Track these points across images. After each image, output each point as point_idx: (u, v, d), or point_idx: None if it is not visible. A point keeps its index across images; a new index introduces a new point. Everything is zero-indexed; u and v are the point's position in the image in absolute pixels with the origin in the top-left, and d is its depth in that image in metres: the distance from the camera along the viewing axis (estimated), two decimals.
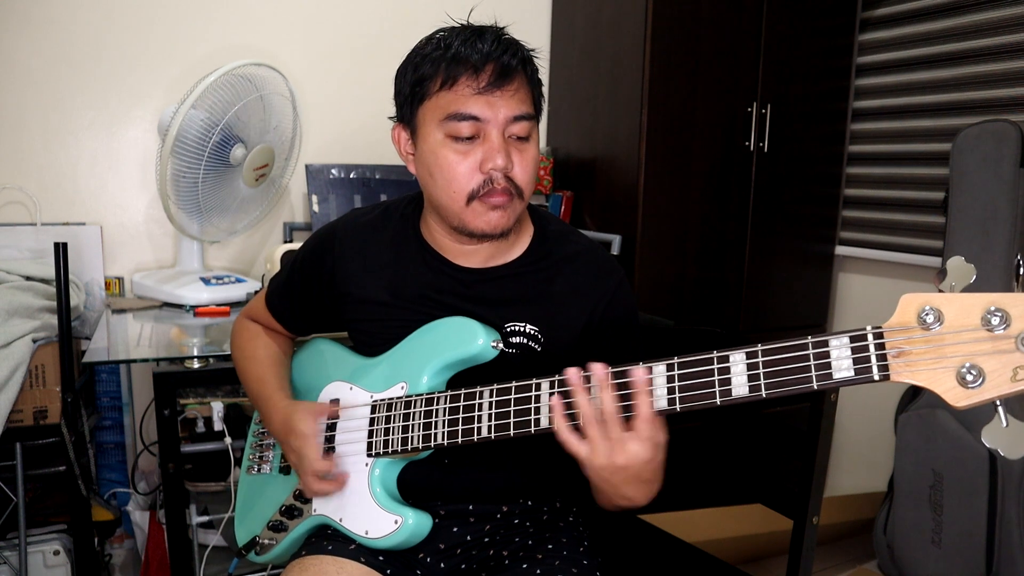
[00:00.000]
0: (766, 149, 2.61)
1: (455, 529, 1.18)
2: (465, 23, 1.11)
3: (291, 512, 1.22)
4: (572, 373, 0.93)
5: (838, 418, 1.34)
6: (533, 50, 1.12)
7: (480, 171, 1.06)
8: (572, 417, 0.94)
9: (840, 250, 2.92)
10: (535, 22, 2.84)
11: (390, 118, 1.16)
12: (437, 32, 1.11)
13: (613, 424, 0.90)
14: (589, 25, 2.65)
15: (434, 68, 1.06)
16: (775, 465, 1.45)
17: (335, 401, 1.20)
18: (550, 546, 1.19)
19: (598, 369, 0.92)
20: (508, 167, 1.06)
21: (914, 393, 2.21)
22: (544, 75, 2.80)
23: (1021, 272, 1.91)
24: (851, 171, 2.88)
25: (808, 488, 1.29)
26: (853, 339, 0.78)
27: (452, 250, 1.17)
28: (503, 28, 1.11)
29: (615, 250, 2.46)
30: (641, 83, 2.39)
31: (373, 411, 1.14)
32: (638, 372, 0.90)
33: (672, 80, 2.43)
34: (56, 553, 2.00)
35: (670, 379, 0.89)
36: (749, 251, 2.67)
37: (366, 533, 1.11)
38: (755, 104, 2.57)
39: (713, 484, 1.61)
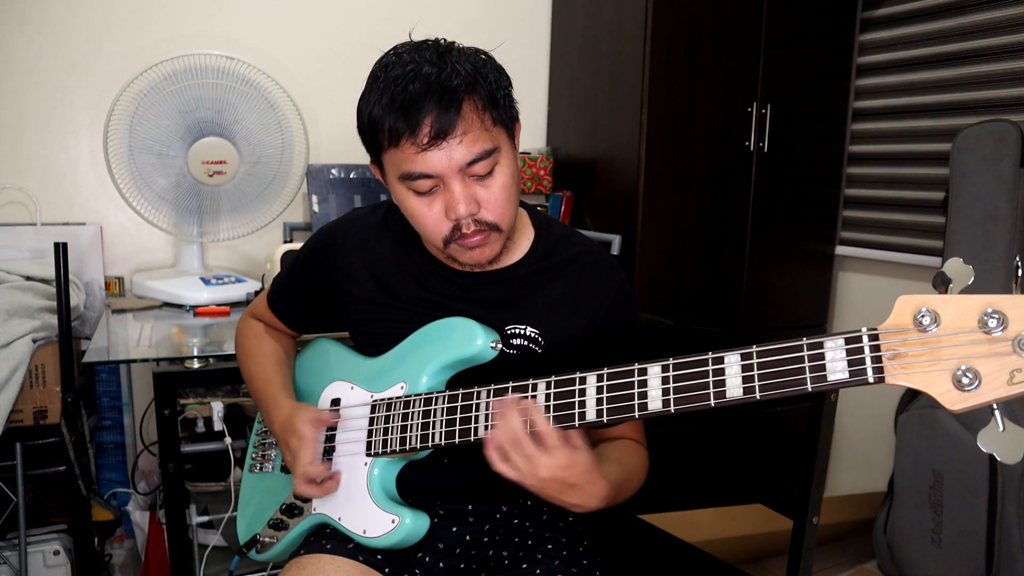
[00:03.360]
0: (766, 149, 2.61)
1: (454, 529, 1.18)
2: (412, 43, 1.06)
3: (291, 511, 1.22)
4: (494, 404, 1.00)
5: (838, 418, 1.34)
6: (489, 58, 1.06)
7: (447, 218, 1.05)
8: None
9: (840, 250, 2.92)
10: (535, 22, 2.83)
11: None
12: (386, 57, 1.06)
13: (524, 443, 0.95)
14: (589, 25, 2.65)
15: (379, 118, 1.02)
16: (775, 465, 1.45)
17: (336, 401, 1.21)
18: (549, 546, 1.19)
19: (502, 401, 0.98)
20: (474, 212, 1.04)
21: (914, 393, 2.21)
22: (544, 75, 2.85)
23: (1020, 274, 1.91)
24: (852, 171, 2.88)
25: (808, 488, 1.29)
26: (848, 341, 0.78)
27: (448, 258, 1.17)
28: (447, 50, 1.04)
29: (615, 250, 2.46)
30: (641, 83, 2.39)
31: (373, 411, 1.14)
32: (510, 398, 0.99)
33: (672, 80, 2.42)
34: (56, 553, 2.01)
35: (664, 380, 0.89)
36: (749, 251, 2.66)
37: (364, 532, 1.11)
38: (755, 104, 2.57)
39: (713, 484, 1.61)
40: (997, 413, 0.72)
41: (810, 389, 0.80)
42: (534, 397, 0.99)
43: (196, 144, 2.13)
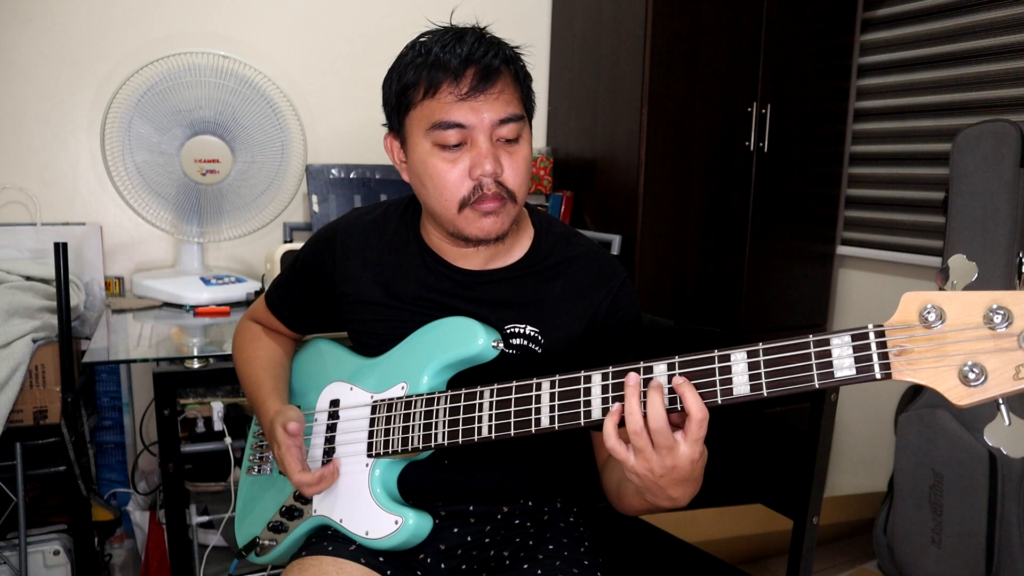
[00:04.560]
0: (766, 149, 2.61)
1: (456, 530, 1.18)
2: (447, 25, 1.10)
3: (291, 513, 1.22)
4: (632, 377, 0.90)
5: (838, 418, 1.34)
6: (518, 47, 1.10)
7: (470, 177, 1.05)
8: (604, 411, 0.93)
9: (841, 250, 2.92)
10: (535, 22, 2.84)
11: (383, 125, 1.16)
12: (420, 36, 1.09)
13: (662, 432, 0.87)
14: (589, 25, 2.65)
15: (416, 76, 1.05)
16: (775, 465, 1.44)
17: (335, 402, 1.20)
18: (551, 546, 1.19)
19: (635, 377, 0.89)
20: (497, 172, 1.05)
21: (914, 393, 2.21)
22: (544, 75, 2.85)
23: (1023, 270, 1.91)
24: (853, 171, 2.88)
25: (808, 488, 1.29)
26: (855, 337, 0.78)
27: (451, 252, 1.17)
28: (484, 28, 1.09)
29: (615, 250, 2.46)
30: (641, 83, 2.39)
31: (373, 411, 1.14)
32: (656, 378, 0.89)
33: (672, 80, 2.43)
34: (56, 553, 2.00)
35: (671, 379, 0.89)
36: (749, 251, 2.67)
37: (366, 534, 1.11)
38: (755, 104, 2.57)
39: (713, 484, 1.60)
40: (1003, 408, 0.72)
41: (817, 386, 0.79)
42: (538, 396, 0.99)
43: (189, 142, 2.13)
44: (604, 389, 0.94)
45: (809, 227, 2.84)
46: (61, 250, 1.81)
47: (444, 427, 1.05)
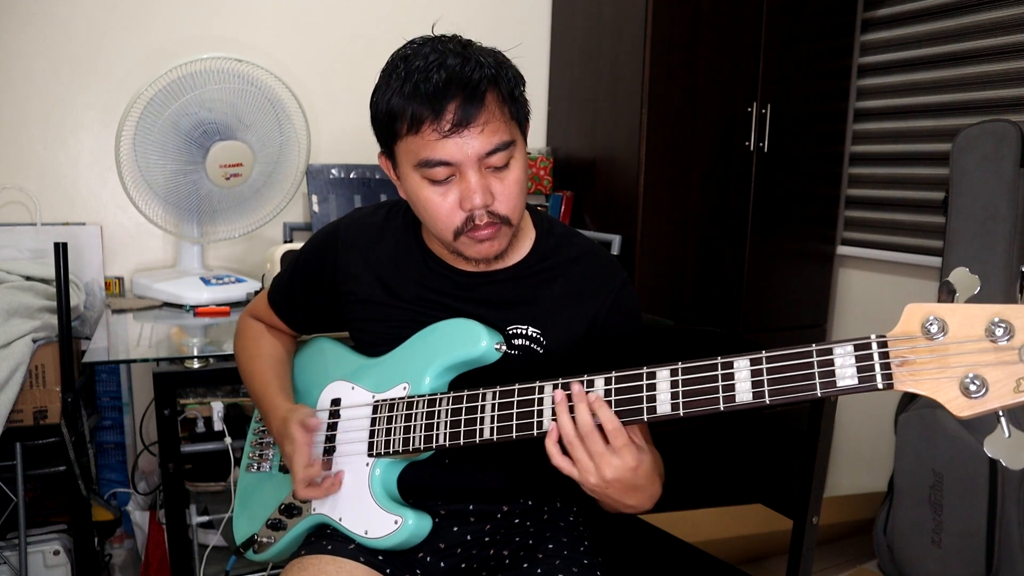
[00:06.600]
0: (766, 149, 2.61)
1: (455, 529, 1.18)
2: (430, 36, 1.06)
3: (290, 511, 1.22)
4: (557, 395, 0.96)
5: (838, 418, 1.34)
6: (505, 57, 1.07)
7: (461, 209, 1.04)
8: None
9: (841, 250, 2.92)
10: (535, 22, 2.83)
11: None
12: (404, 49, 1.06)
13: (592, 439, 0.92)
14: (589, 25, 2.64)
15: (399, 107, 1.02)
16: (775, 465, 1.45)
17: (336, 401, 1.21)
18: (550, 546, 1.19)
19: (573, 387, 0.94)
20: (488, 203, 1.04)
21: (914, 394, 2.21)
22: (544, 75, 2.85)
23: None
24: (853, 171, 2.88)
25: (808, 488, 1.29)
26: (857, 347, 0.78)
27: (451, 255, 1.17)
28: (468, 43, 1.05)
29: (615, 250, 2.46)
30: (641, 83, 2.39)
31: (375, 411, 1.14)
32: (576, 387, 0.95)
33: (672, 80, 2.42)
34: (56, 553, 2.00)
35: (674, 384, 0.89)
36: (749, 251, 2.67)
37: (366, 533, 1.11)
38: (755, 104, 2.57)
39: (713, 484, 1.61)
40: (1003, 420, 0.73)
41: (820, 394, 0.80)
42: (540, 399, 0.99)
43: (214, 148, 2.12)
44: (607, 393, 0.94)
45: (809, 227, 2.84)
46: (61, 250, 1.81)
47: (446, 428, 1.06)
